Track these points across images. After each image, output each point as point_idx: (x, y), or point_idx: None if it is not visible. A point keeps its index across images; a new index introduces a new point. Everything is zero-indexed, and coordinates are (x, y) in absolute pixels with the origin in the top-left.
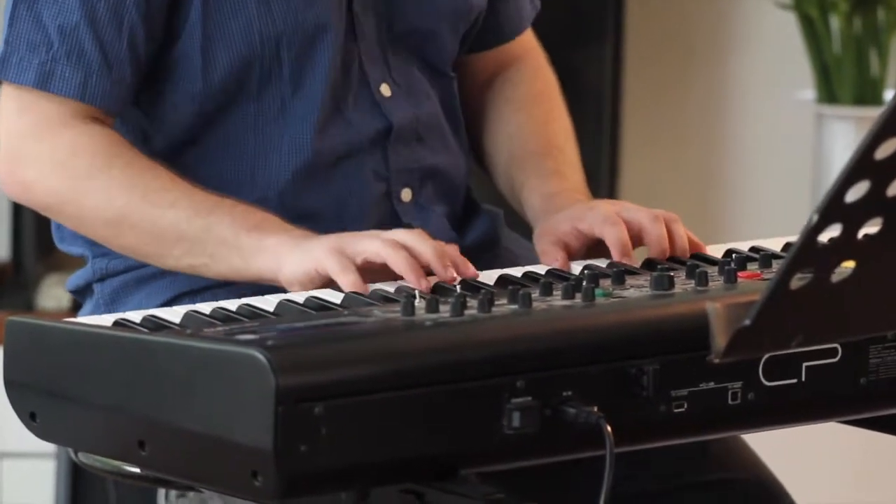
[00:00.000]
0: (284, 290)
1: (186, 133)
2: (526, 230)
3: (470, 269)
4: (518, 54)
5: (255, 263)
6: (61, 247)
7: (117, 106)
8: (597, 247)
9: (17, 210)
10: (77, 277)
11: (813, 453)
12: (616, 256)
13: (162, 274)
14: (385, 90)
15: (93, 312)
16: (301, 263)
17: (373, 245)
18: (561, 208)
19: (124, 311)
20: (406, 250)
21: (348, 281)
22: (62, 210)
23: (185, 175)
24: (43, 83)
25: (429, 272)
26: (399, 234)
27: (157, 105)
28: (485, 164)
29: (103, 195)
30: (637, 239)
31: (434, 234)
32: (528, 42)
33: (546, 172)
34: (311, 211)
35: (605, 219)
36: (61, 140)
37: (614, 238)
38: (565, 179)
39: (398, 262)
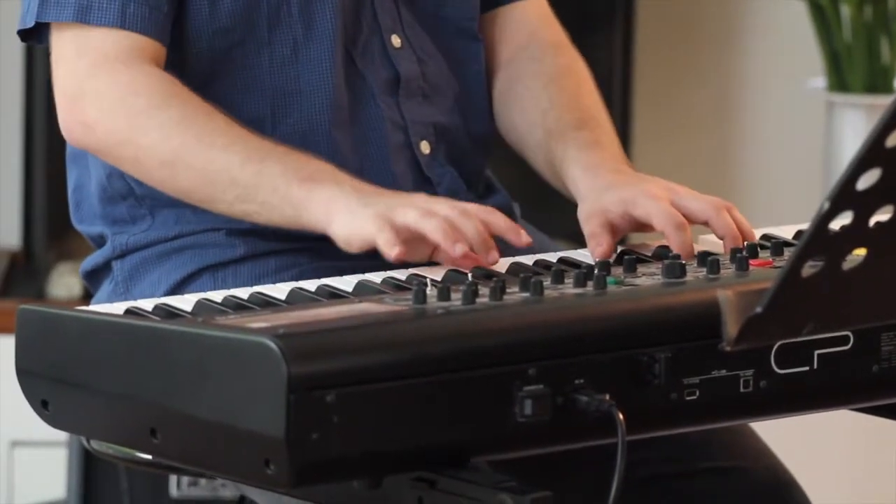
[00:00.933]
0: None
1: (204, 73)
2: (541, 222)
3: (493, 254)
4: (533, 30)
5: (306, 215)
6: (80, 227)
7: (158, 32)
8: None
9: (28, 198)
10: (94, 257)
11: (822, 442)
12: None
13: (181, 250)
14: (395, 41)
15: (111, 291)
16: (350, 227)
17: (411, 215)
18: (607, 183)
19: (143, 287)
20: (447, 224)
21: (384, 238)
22: (121, 151)
23: None
24: (83, 16)
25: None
26: (441, 207)
27: (176, 44)
28: (518, 142)
29: (160, 134)
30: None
31: (453, 194)
32: (543, 18)
33: (585, 144)
34: (333, 153)
35: (669, 217)
36: (120, 78)
37: (679, 243)
38: (605, 149)
39: (434, 231)
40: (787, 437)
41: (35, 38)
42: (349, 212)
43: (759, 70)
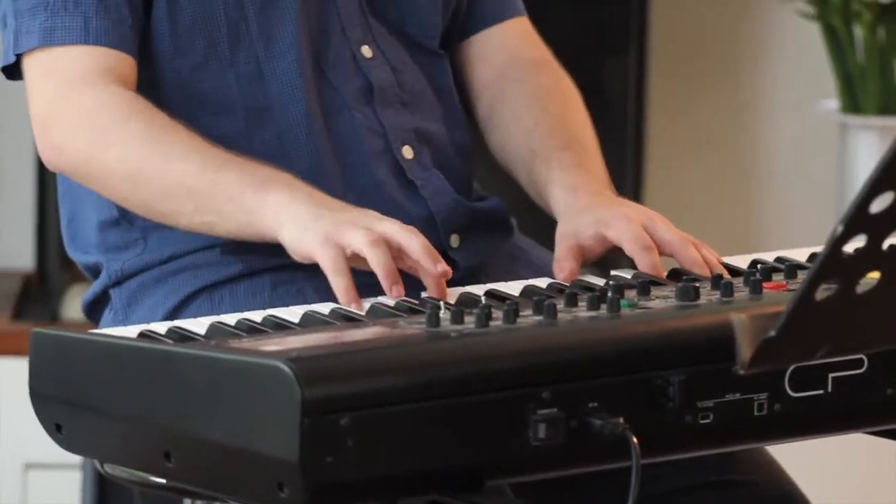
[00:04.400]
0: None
1: (174, 96)
2: (539, 236)
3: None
4: (513, 50)
5: (258, 222)
6: (74, 256)
7: (124, 44)
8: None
9: (42, 220)
10: (92, 289)
11: (833, 461)
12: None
13: (177, 272)
14: (366, 51)
15: (112, 319)
16: (299, 242)
17: (358, 240)
18: (584, 205)
19: (141, 313)
20: (390, 247)
21: (337, 284)
22: (87, 169)
23: None
24: (47, 39)
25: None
26: (389, 228)
27: (146, 66)
28: (507, 163)
29: (121, 149)
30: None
31: (439, 195)
32: (523, 37)
33: (568, 165)
34: (314, 165)
35: (637, 240)
36: (85, 99)
37: (647, 265)
38: (588, 172)
39: (376, 264)
40: (796, 454)
41: (19, 74)
42: (300, 226)
43: (773, 92)
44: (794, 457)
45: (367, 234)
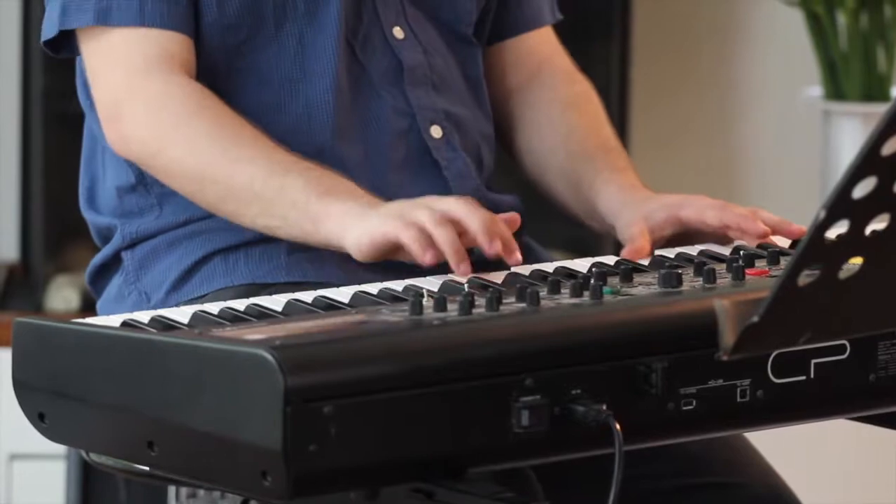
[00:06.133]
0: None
1: (214, 66)
2: (534, 232)
3: (515, 255)
4: (544, 57)
5: (323, 230)
6: (88, 216)
7: (180, 25)
8: (685, 238)
9: (26, 211)
10: (103, 252)
11: (821, 452)
12: (739, 237)
13: (191, 236)
14: (398, 32)
15: (122, 282)
16: (363, 232)
17: (424, 217)
18: (645, 196)
19: (153, 275)
20: (454, 224)
21: (409, 235)
22: (154, 162)
23: None
24: (103, 18)
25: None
26: (451, 205)
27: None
28: (534, 165)
29: (188, 147)
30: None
31: (461, 178)
32: (553, 46)
33: (619, 167)
34: (336, 141)
35: (717, 205)
36: (151, 91)
37: (733, 220)
38: (635, 175)
39: (442, 241)
40: (786, 448)
41: (64, 48)
42: (362, 220)
43: (756, 79)
44: (784, 458)
45: (432, 213)
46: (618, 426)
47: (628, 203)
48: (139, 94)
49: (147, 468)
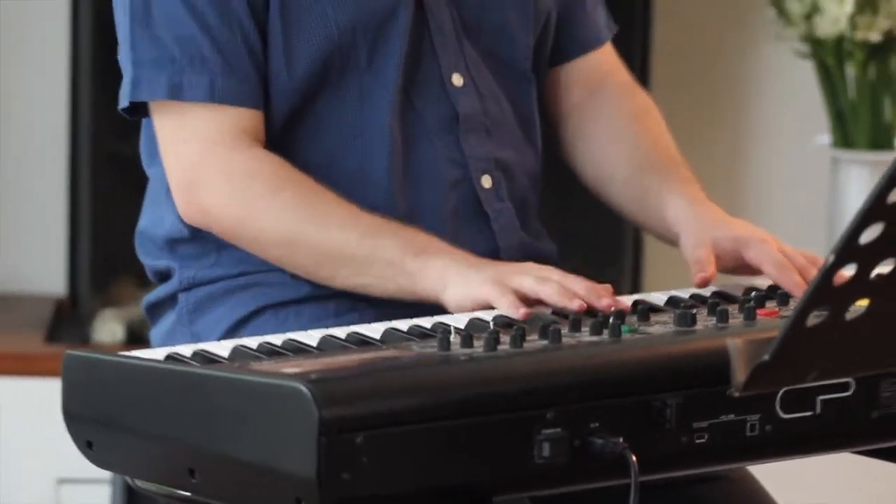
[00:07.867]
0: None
1: (277, 123)
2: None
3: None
4: (606, 72)
5: (421, 284)
6: (145, 260)
7: (251, 100)
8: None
9: (74, 247)
10: (159, 291)
11: (819, 484)
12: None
13: (246, 287)
14: (457, 80)
15: (176, 321)
16: (465, 291)
17: (527, 281)
18: (716, 219)
19: (206, 322)
20: (561, 287)
21: (507, 302)
22: (240, 233)
23: None
24: (175, 94)
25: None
26: (551, 272)
27: None
28: (597, 177)
29: (276, 216)
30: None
31: (507, 231)
32: (613, 61)
33: (685, 179)
34: (389, 189)
35: (776, 263)
36: (231, 165)
37: (791, 285)
38: (701, 190)
39: (552, 294)
40: (792, 480)
41: (139, 111)
42: (463, 279)
43: (768, 127)
44: (790, 489)
45: (534, 277)
46: (633, 458)
47: (697, 220)
48: (217, 167)
49: (188, 494)
